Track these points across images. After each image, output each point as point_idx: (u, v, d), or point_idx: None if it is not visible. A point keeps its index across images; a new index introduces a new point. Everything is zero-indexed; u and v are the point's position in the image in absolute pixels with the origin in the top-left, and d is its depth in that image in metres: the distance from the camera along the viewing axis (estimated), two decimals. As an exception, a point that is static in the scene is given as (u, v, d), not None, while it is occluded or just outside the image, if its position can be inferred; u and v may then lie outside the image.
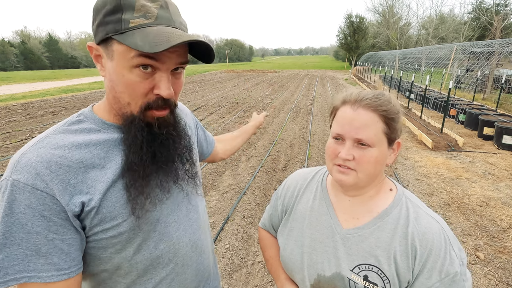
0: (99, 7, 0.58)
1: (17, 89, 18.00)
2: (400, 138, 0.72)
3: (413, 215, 0.68)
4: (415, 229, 0.66)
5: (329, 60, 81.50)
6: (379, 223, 0.69)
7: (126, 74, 0.57)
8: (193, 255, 0.77)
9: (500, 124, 5.56)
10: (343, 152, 0.66)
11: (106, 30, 0.57)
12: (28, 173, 0.54)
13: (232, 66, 51.85)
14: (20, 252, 0.53)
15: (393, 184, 0.76)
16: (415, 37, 28.47)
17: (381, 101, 0.67)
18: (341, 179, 0.68)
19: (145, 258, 0.67)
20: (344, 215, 0.75)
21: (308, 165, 4.67)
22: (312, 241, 0.76)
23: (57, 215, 0.55)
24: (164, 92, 0.59)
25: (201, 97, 12.56)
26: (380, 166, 0.68)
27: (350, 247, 0.70)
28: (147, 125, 0.62)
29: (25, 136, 6.65)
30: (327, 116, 8.54)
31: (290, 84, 18.32)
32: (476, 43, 11.15)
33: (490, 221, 3.16)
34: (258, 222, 3.20)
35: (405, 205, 0.70)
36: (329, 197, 0.79)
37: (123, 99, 0.60)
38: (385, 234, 0.68)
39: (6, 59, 54.07)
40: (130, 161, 0.62)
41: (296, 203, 0.84)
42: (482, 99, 11.04)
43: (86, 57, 68.26)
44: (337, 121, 0.71)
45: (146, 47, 0.53)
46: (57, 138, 0.60)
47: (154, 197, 0.65)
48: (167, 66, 0.59)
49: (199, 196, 0.82)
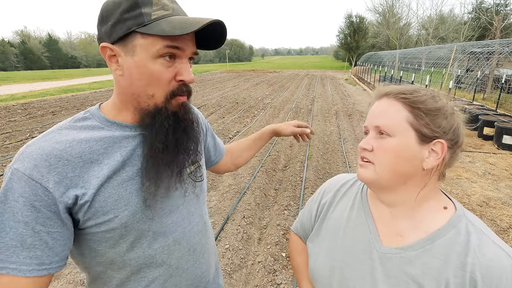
0: (111, 7, 0.60)
1: (17, 89, 18.01)
2: (454, 142, 0.61)
3: (476, 242, 0.56)
4: (476, 260, 0.54)
5: (329, 60, 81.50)
6: (428, 245, 0.59)
7: (150, 66, 0.61)
8: (190, 259, 0.77)
9: (500, 124, 5.56)
10: (362, 141, 0.62)
11: (126, 26, 0.59)
12: (27, 163, 0.56)
13: (232, 66, 51.87)
14: (6, 241, 0.54)
15: (450, 202, 0.64)
16: (415, 37, 28.48)
17: (405, 89, 0.62)
18: (359, 173, 0.63)
19: (138, 256, 0.68)
20: (385, 229, 0.65)
21: (308, 165, 4.68)
22: (346, 255, 0.68)
23: (47, 207, 0.56)
24: (187, 77, 0.64)
25: (201, 97, 12.56)
26: (403, 162, 0.59)
27: (391, 268, 0.61)
28: (174, 113, 0.66)
29: (25, 136, 6.65)
30: (327, 116, 8.54)
31: (290, 84, 18.32)
32: (476, 43, 11.15)
33: (490, 221, 3.16)
34: (258, 222, 3.20)
35: (465, 228, 0.58)
36: (369, 207, 0.70)
37: (146, 92, 0.63)
38: (436, 260, 0.57)
39: (6, 59, 54.09)
40: (153, 150, 0.64)
41: (331, 210, 0.77)
42: (482, 99, 11.03)
43: (86, 57, 68.32)
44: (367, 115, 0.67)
45: (177, 31, 0.58)
46: (62, 134, 0.62)
47: (166, 187, 0.67)
48: (186, 54, 0.64)
49: (202, 199, 0.82)
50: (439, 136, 0.59)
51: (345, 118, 8.29)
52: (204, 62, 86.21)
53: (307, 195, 3.71)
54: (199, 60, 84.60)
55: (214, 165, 1.05)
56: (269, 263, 2.53)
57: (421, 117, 0.59)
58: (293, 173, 4.38)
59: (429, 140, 0.59)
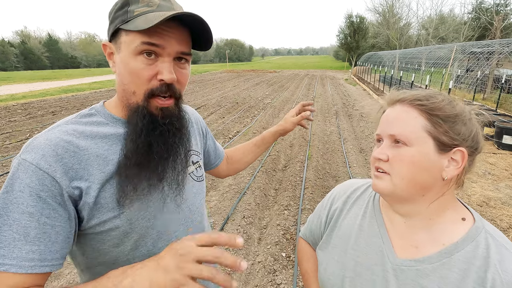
0: (112, 7, 0.65)
1: (17, 89, 18.01)
2: (474, 149, 0.59)
3: (496, 257, 0.53)
4: (497, 276, 0.51)
5: (329, 60, 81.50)
6: (446, 259, 0.56)
7: (131, 62, 0.61)
8: None
9: (500, 124, 5.56)
10: (377, 151, 0.59)
11: (115, 24, 0.63)
12: (35, 154, 0.57)
13: (232, 66, 51.89)
14: (9, 234, 0.53)
15: (468, 213, 0.61)
16: (415, 37, 28.48)
17: (420, 95, 0.59)
18: (374, 184, 0.60)
19: (142, 254, 0.68)
20: (399, 241, 0.62)
21: (308, 165, 4.68)
22: (357, 265, 0.66)
23: (53, 198, 0.56)
24: (166, 76, 0.61)
25: (201, 97, 12.56)
26: (421, 172, 0.56)
27: (405, 281, 0.58)
28: (151, 114, 0.64)
29: (25, 136, 6.65)
30: (327, 116, 8.54)
31: (290, 84, 18.32)
32: (476, 43, 11.16)
33: (490, 221, 3.16)
34: (258, 222, 3.20)
35: (485, 242, 0.55)
36: (382, 216, 0.67)
37: (130, 89, 0.63)
38: (453, 274, 0.55)
39: (6, 59, 54.09)
40: (127, 149, 0.63)
41: (342, 218, 0.74)
42: (482, 99, 11.04)
43: (86, 57, 68.32)
44: (380, 122, 0.64)
45: (143, 25, 0.58)
46: (68, 127, 0.63)
47: (140, 189, 0.65)
48: (168, 52, 0.62)
49: (202, 198, 0.83)
50: (459, 144, 0.56)
51: (345, 118, 8.29)
52: (204, 62, 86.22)
53: (307, 195, 3.71)
54: (199, 60, 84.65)
55: (214, 169, 1.06)
56: (269, 263, 2.53)
57: (440, 125, 0.56)
58: (293, 173, 4.38)
59: (448, 149, 0.57)
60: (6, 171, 4.59)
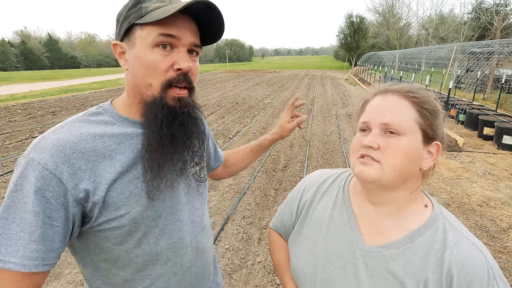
0: (122, 9, 0.67)
1: (17, 89, 18.01)
2: (442, 143, 0.62)
3: (452, 240, 0.58)
4: (453, 257, 0.56)
5: (329, 60, 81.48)
6: (409, 244, 0.60)
7: (147, 55, 0.62)
8: (193, 257, 0.78)
9: (500, 124, 5.56)
10: (367, 139, 0.59)
11: (129, 21, 0.64)
12: (43, 153, 0.57)
13: (232, 66, 51.90)
14: (15, 233, 0.54)
15: (428, 200, 0.65)
16: (415, 37, 28.48)
17: (414, 89, 0.61)
18: (361, 170, 0.59)
19: (144, 252, 0.68)
20: (367, 228, 0.65)
21: (308, 165, 4.68)
22: (328, 254, 0.68)
23: (56, 199, 0.57)
24: (183, 65, 0.63)
25: (201, 97, 12.56)
26: (410, 162, 0.58)
27: (373, 267, 0.61)
28: (168, 106, 0.65)
29: (25, 136, 6.65)
30: (327, 116, 8.54)
31: (290, 84, 18.32)
32: (476, 43, 11.15)
33: (490, 221, 3.16)
34: (258, 222, 3.20)
35: (442, 226, 0.60)
36: (351, 205, 0.70)
37: (145, 82, 0.64)
38: (416, 258, 0.58)
39: (6, 59, 54.09)
40: (149, 142, 0.64)
41: (312, 208, 0.76)
42: (482, 99, 11.04)
43: (86, 57, 68.33)
44: (365, 112, 0.64)
45: (161, 16, 0.60)
46: (76, 126, 0.64)
47: (168, 180, 0.67)
48: (183, 42, 0.64)
49: (204, 199, 0.84)
50: (436, 138, 0.60)
51: (345, 118, 8.29)
52: (204, 62, 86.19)
53: (307, 195, 3.71)
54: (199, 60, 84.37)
55: (212, 171, 1.06)
56: (269, 263, 2.53)
57: (427, 118, 0.59)
58: (293, 173, 4.38)
59: (430, 142, 0.60)
60: (6, 171, 4.59)
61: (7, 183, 4.19)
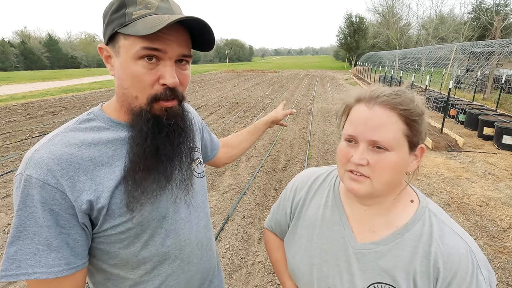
0: (106, 9, 0.62)
1: (17, 89, 18.00)
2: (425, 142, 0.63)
3: (438, 233, 0.60)
4: (438, 249, 0.58)
5: (329, 60, 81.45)
6: (398, 239, 0.62)
7: (132, 67, 0.59)
8: (199, 253, 0.79)
9: (500, 124, 5.56)
10: (356, 156, 0.58)
11: (112, 27, 0.60)
12: (40, 169, 0.56)
13: (232, 66, 51.87)
14: (32, 246, 0.55)
15: (415, 195, 0.67)
16: (415, 37, 28.47)
17: (402, 98, 0.58)
18: (353, 188, 0.60)
19: (152, 254, 0.69)
20: (359, 226, 0.67)
21: (308, 165, 4.67)
22: (322, 252, 0.70)
23: (65, 210, 0.57)
24: (169, 81, 0.60)
25: (201, 97, 12.56)
26: (399, 175, 0.60)
27: (365, 263, 0.64)
28: (155, 117, 0.63)
29: (25, 136, 6.64)
30: (327, 116, 8.54)
31: (290, 84, 18.32)
32: (476, 43, 11.15)
33: (490, 221, 3.16)
34: (258, 222, 3.20)
35: (429, 220, 0.62)
36: (342, 205, 0.71)
37: (131, 93, 0.61)
38: (405, 252, 0.61)
39: (6, 59, 54.05)
40: (133, 153, 0.63)
41: (305, 208, 0.77)
42: (482, 99, 11.03)
43: (86, 57, 68.29)
44: (350, 121, 0.62)
45: (144, 31, 0.55)
46: (68, 136, 0.62)
47: (150, 192, 0.65)
48: (169, 55, 0.60)
49: (205, 195, 0.85)
50: (421, 142, 0.61)
51: (345, 118, 8.28)
52: (204, 62, 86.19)
53: (307, 195, 3.71)
54: (199, 60, 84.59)
55: (211, 160, 1.08)
56: (269, 263, 2.53)
57: (414, 127, 0.59)
58: (293, 173, 4.38)
59: (415, 147, 0.61)
60: (6, 171, 4.58)
61: (7, 183, 4.19)
